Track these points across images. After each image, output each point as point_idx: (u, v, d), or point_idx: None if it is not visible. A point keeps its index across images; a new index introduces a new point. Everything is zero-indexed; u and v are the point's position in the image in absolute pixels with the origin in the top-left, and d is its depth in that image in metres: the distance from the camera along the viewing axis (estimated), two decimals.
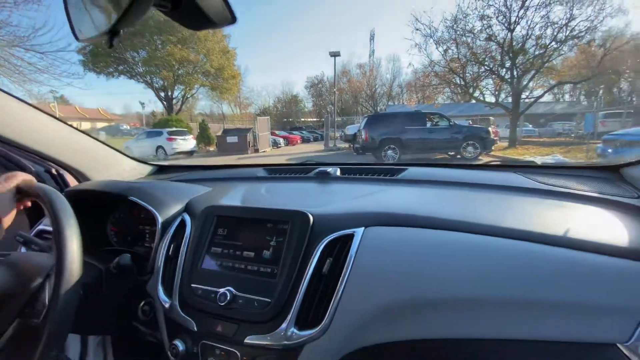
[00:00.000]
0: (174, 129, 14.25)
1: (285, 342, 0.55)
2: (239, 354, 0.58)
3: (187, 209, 0.83)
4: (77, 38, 0.49)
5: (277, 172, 1.19)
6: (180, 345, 0.62)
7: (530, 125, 18.64)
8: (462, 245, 0.56)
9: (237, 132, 14.89)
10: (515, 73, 11.81)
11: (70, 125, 1.06)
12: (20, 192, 0.68)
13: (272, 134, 17.77)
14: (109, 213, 1.03)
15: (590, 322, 0.46)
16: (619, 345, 0.45)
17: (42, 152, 0.96)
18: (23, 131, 0.92)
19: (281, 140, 17.82)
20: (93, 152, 1.12)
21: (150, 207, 0.80)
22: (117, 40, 0.41)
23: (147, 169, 1.34)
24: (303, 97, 34.00)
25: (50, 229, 0.99)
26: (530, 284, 0.49)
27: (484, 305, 0.50)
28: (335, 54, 16.62)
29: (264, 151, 14.69)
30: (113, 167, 1.18)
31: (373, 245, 0.59)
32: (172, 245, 0.74)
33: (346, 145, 13.50)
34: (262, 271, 0.62)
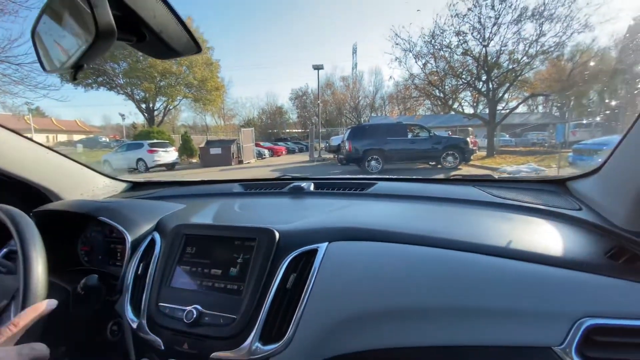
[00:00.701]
0: (155, 140, 14.00)
1: (250, 357, 0.56)
2: None
3: (158, 227, 0.84)
4: (44, 69, 0.51)
5: (253, 188, 1.21)
6: None
7: (507, 135, 19.43)
8: (418, 258, 0.60)
9: (220, 144, 14.77)
10: (491, 86, 12.36)
11: (41, 144, 1.05)
12: None
13: (257, 145, 17.74)
14: (79, 232, 1.02)
15: (528, 327, 0.50)
16: (553, 348, 0.49)
17: (11, 172, 0.95)
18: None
19: (266, 152, 17.80)
20: (65, 171, 1.11)
21: (119, 227, 0.80)
22: (81, 74, 0.44)
23: (121, 185, 1.33)
24: (288, 108, 34.28)
25: (14, 248, 0.97)
26: (473, 293, 0.53)
27: (434, 314, 0.54)
28: (318, 67, 16.92)
29: (248, 162, 14.62)
30: (85, 185, 1.17)
31: (335, 260, 0.62)
32: (141, 264, 0.75)
33: (331, 156, 13.64)
34: (229, 288, 0.64)
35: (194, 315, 0.60)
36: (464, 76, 12.90)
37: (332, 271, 0.61)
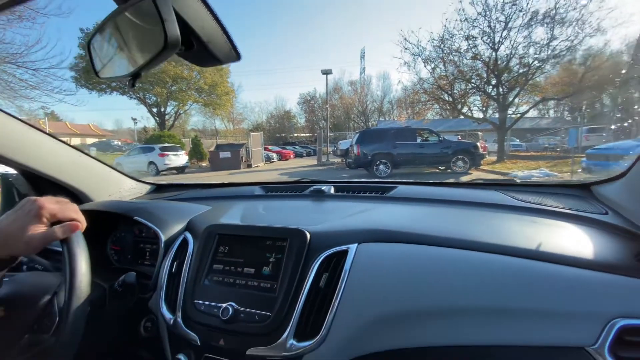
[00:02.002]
0: (166, 144, 14.23)
1: (285, 353, 0.58)
2: None
3: (189, 227, 0.87)
4: (97, 74, 0.55)
5: (274, 190, 1.24)
6: (183, 359, 0.65)
7: (518, 140, 19.19)
8: (446, 259, 0.62)
9: (229, 148, 14.93)
10: (501, 90, 12.26)
11: (73, 147, 1.09)
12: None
13: (265, 149, 17.87)
14: (110, 232, 1.06)
15: (560, 327, 0.51)
16: (586, 348, 0.50)
17: (47, 173, 0.99)
18: (28, 153, 0.95)
19: (274, 155, 17.91)
20: (94, 173, 1.15)
21: (154, 227, 0.84)
22: (139, 81, 0.47)
23: (146, 187, 1.37)
24: (296, 113, 34.49)
25: (53, 248, 1.01)
26: (505, 294, 0.54)
27: (465, 314, 0.55)
28: (327, 72, 17.04)
29: (257, 166, 14.72)
30: (113, 187, 1.21)
31: (365, 260, 0.64)
32: (174, 263, 0.77)
33: (339, 160, 13.65)
34: (262, 286, 0.66)
35: (230, 312, 0.63)
36: (473, 80, 12.84)
37: (363, 271, 0.63)
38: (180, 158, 13.42)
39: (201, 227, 0.82)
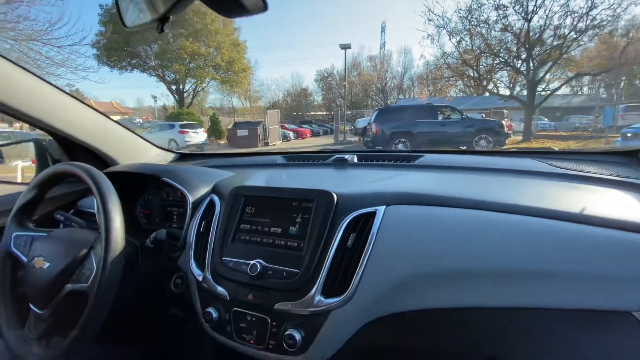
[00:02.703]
0: (186, 122, 14.43)
1: (312, 309, 0.59)
2: (268, 319, 0.62)
3: (215, 190, 0.88)
4: (125, 25, 0.54)
5: (296, 159, 1.23)
6: (213, 312, 0.67)
7: (546, 119, 18.20)
8: (479, 221, 0.59)
9: (247, 126, 14.98)
10: (531, 65, 11.51)
11: (103, 114, 1.11)
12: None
13: (282, 127, 17.82)
14: (138, 196, 1.09)
15: (607, 291, 0.49)
16: (633, 313, 0.47)
17: (77, 137, 1.02)
18: (61, 118, 0.98)
19: (291, 134, 17.86)
20: (122, 139, 1.18)
21: (182, 188, 0.85)
22: (167, 26, 0.45)
23: (170, 156, 1.40)
24: (313, 90, 33.92)
25: (88, 210, 1.06)
26: (547, 256, 0.52)
27: (503, 276, 0.54)
28: (345, 47, 16.47)
29: (274, 144, 14.77)
30: (140, 153, 1.24)
31: (394, 222, 0.63)
32: (202, 223, 0.79)
33: (356, 138, 13.47)
34: (289, 245, 0.66)
35: (258, 269, 0.64)
36: (501, 54, 12.09)
37: (392, 233, 0.62)
38: (199, 135, 13.63)
39: (227, 189, 0.82)
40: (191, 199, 0.84)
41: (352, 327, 0.60)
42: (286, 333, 0.59)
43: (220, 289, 0.68)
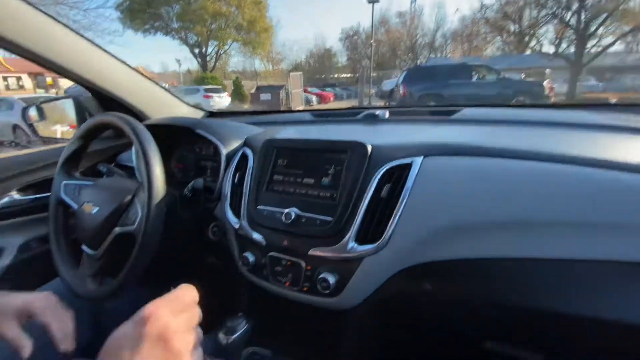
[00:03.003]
0: (210, 86, 14.46)
1: (345, 255, 0.60)
2: (303, 263, 0.65)
3: (246, 144, 0.88)
4: None
5: (324, 116, 1.20)
6: (250, 257, 0.71)
7: (593, 80, 16.50)
8: (527, 172, 0.56)
9: (270, 89, 14.80)
10: (582, 17, 10.26)
11: (136, 70, 1.12)
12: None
13: (305, 91, 17.44)
14: (172, 151, 1.12)
15: None
16: None
17: (112, 92, 1.04)
18: (100, 73, 1.00)
19: (313, 98, 17.48)
20: (154, 95, 1.19)
21: (215, 140, 0.86)
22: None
23: (200, 113, 1.41)
24: (337, 51, 32.42)
25: (125, 164, 1.11)
26: (597, 206, 0.49)
27: (548, 226, 0.51)
28: (373, 0, 15.33)
29: (296, 109, 14.57)
30: (172, 110, 1.25)
31: (431, 173, 0.61)
32: (236, 175, 0.81)
33: (382, 102, 12.98)
34: (322, 195, 0.67)
35: (292, 216, 0.65)
36: (549, 5, 10.82)
37: (428, 183, 0.60)
38: (223, 100, 13.70)
39: (258, 143, 0.83)
40: (224, 151, 0.86)
41: (384, 273, 0.61)
42: (320, 276, 0.62)
43: (256, 235, 0.70)
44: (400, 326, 0.74)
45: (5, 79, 22.12)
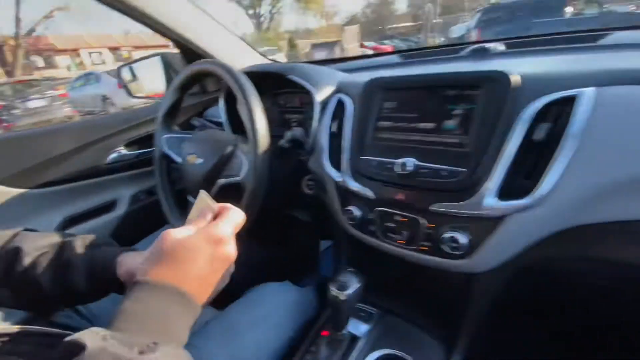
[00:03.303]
0: (265, 48, 14.39)
1: (482, 212, 0.50)
2: (422, 220, 0.57)
3: (340, 89, 0.80)
4: None
5: (416, 57, 1.04)
6: (355, 211, 0.65)
7: None
8: None
9: (325, 47, 14.21)
10: None
11: (216, 20, 1.08)
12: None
13: (361, 46, 16.35)
14: None
15: None
16: None
17: (199, 45, 1.02)
18: (185, 24, 0.97)
19: (370, 53, 16.37)
20: (238, 47, 1.15)
21: (309, 86, 0.79)
22: None
23: None
24: None
25: (213, 119, 1.11)
26: None
27: None
28: None
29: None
30: (248, 59, 1.21)
31: (607, 109, 0.46)
32: (333, 123, 0.73)
33: None
34: (447, 142, 0.56)
35: (411, 167, 0.56)
36: None
37: (603, 123, 0.45)
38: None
39: (356, 87, 0.73)
40: (318, 98, 0.78)
41: (532, 235, 0.50)
42: (446, 235, 0.53)
43: (362, 188, 0.64)
44: (538, 294, 0.65)
45: (90, 54, 24.79)
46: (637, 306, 0.57)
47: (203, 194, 0.42)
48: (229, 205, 0.42)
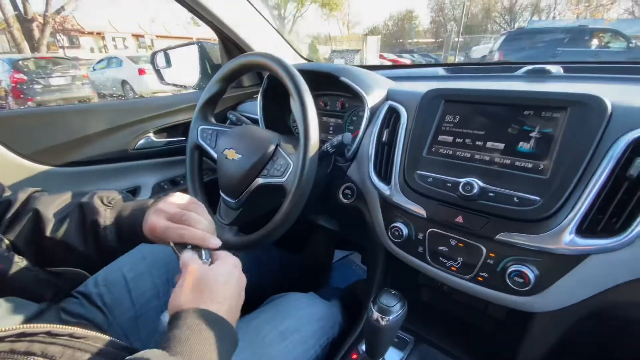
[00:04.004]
0: None
1: (559, 247, 0.45)
2: (484, 249, 0.52)
3: (391, 97, 0.75)
4: None
5: (463, 72, 1.00)
6: (403, 228, 0.60)
7: None
8: None
9: (345, 54, 14.26)
10: None
11: (263, 17, 1.05)
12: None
13: (380, 57, 16.38)
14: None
15: None
16: None
17: (243, 39, 0.99)
18: (230, 17, 0.95)
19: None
20: (280, 45, 1.12)
21: (359, 89, 0.75)
22: None
23: None
24: (419, 13, 29.45)
25: (246, 114, 1.08)
26: None
27: None
28: None
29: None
30: (288, 58, 1.18)
31: None
32: (384, 132, 0.69)
33: None
34: (521, 166, 0.51)
35: (475, 189, 0.51)
36: None
37: None
38: None
39: (411, 96, 0.69)
40: (369, 104, 0.74)
41: (613, 278, 0.45)
42: (513, 269, 0.48)
43: (414, 205, 0.59)
44: (604, 341, 0.59)
45: (113, 39, 25.23)
46: None
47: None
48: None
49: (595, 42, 7.55)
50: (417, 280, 0.80)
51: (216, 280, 0.39)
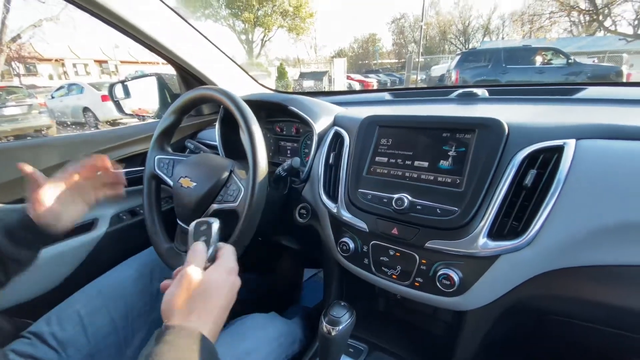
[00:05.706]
0: (257, 72, 14.69)
1: (475, 251, 0.52)
2: (417, 256, 0.58)
3: (337, 122, 0.82)
4: None
5: (406, 96, 1.10)
6: (350, 243, 0.65)
7: None
8: None
9: (313, 77, 14.70)
10: None
11: (222, 51, 1.11)
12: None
13: (348, 78, 17.03)
14: None
15: None
16: None
17: (199, 70, 1.04)
18: (186, 50, 0.99)
19: (357, 85, 17.02)
20: (235, 76, 1.17)
21: (308, 118, 0.81)
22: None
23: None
24: (381, 36, 31.19)
25: (205, 141, 1.11)
26: None
27: None
28: None
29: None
30: (245, 86, 1.23)
31: (589, 159, 0.50)
32: (331, 155, 0.75)
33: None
34: (442, 181, 0.58)
35: (405, 203, 0.58)
36: None
37: (586, 171, 0.49)
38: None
39: (352, 121, 0.76)
40: (317, 130, 0.80)
41: (522, 275, 0.52)
42: (441, 272, 0.54)
43: (357, 221, 0.65)
44: (527, 332, 0.66)
45: (74, 65, 24.41)
46: (628, 351, 0.59)
47: (214, 224, 0.48)
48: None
49: (539, 59, 8.33)
50: (374, 291, 0.85)
51: (208, 289, 0.41)
